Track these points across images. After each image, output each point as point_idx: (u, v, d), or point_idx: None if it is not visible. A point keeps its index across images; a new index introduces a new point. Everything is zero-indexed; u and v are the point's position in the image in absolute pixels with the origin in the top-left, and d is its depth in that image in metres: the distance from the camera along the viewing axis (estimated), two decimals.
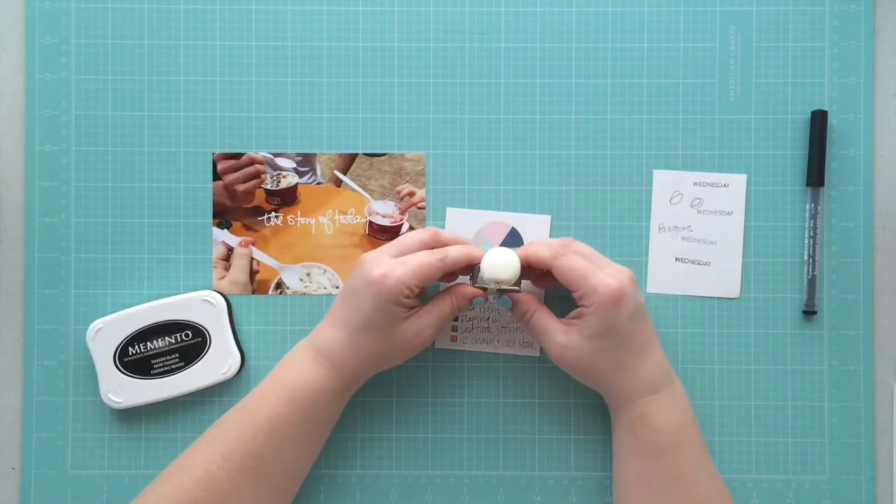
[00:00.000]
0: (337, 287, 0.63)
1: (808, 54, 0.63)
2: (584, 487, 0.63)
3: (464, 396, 0.63)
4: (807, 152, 0.63)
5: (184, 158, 0.63)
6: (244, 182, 0.63)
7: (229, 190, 0.63)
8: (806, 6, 0.63)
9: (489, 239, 0.63)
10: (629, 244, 0.63)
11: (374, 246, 0.63)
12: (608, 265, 0.57)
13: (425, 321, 0.57)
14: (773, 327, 0.63)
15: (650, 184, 0.63)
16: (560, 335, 0.57)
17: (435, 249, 0.57)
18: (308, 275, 0.63)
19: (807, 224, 0.62)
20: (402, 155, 0.63)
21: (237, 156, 0.63)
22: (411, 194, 0.63)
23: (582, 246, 0.58)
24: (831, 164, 0.63)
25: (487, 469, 0.63)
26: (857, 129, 0.63)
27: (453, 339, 0.63)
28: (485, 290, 0.58)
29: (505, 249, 0.57)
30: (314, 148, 0.63)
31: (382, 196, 0.63)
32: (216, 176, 0.63)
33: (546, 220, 0.63)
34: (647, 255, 0.63)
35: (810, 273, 0.62)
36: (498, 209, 0.63)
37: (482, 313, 0.63)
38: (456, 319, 0.63)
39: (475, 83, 0.63)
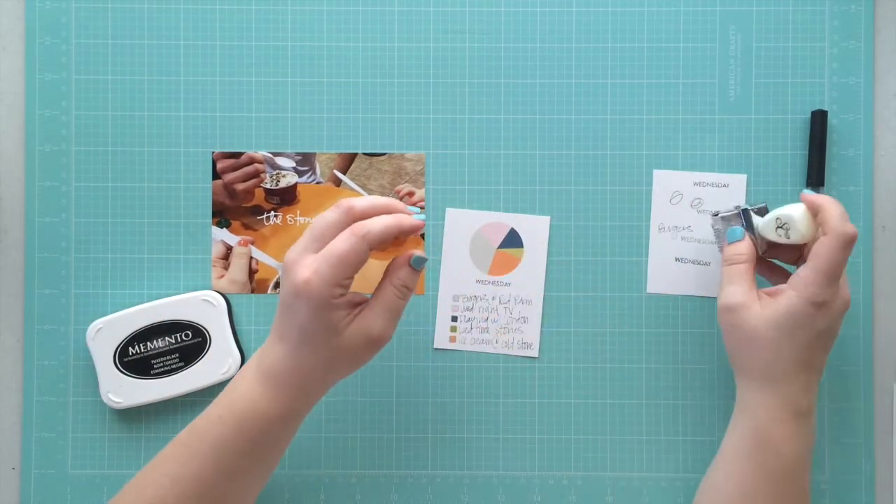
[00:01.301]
0: None
1: (808, 54, 0.63)
2: (585, 487, 0.63)
3: (464, 396, 0.63)
4: (807, 152, 0.63)
5: (184, 158, 0.63)
6: (243, 181, 0.63)
7: (229, 189, 0.63)
8: (806, 6, 0.63)
9: (489, 239, 0.63)
10: (629, 244, 0.63)
11: None
12: (843, 281, 0.55)
13: (371, 319, 0.52)
14: None
15: (650, 184, 0.63)
16: (741, 291, 0.55)
17: (354, 227, 0.51)
18: None
19: None
20: (402, 154, 0.63)
21: (237, 155, 0.63)
22: (410, 194, 0.63)
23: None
24: (831, 164, 0.63)
25: (487, 469, 0.63)
26: (857, 129, 0.63)
27: (452, 339, 0.63)
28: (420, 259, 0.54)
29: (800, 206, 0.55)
30: (314, 148, 0.63)
31: (382, 195, 0.63)
32: (216, 175, 0.63)
33: (546, 220, 0.63)
34: (647, 255, 0.63)
35: None
36: (498, 209, 0.63)
37: (481, 314, 0.63)
38: (455, 320, 0.63)
39: (475, 83, 0.63)
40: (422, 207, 0.63)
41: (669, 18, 0.63)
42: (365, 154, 0.63)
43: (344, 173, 0.63)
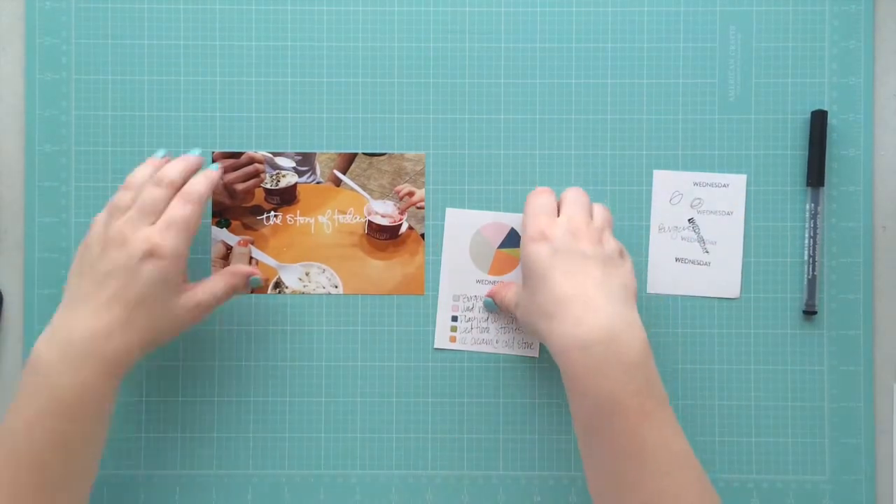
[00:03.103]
0: (336, 286, 0.63)
1: (808, 54, 0.63)
2: (584, 487, 0.63)
3: (464, 396, 0.63)
4: (807, 152, 0.63)
5: None
6: (243, 181, 0.63)
7: (228, 189, 0.63)
8: (806, 6, 0.63)
9: (489, 239, 0.63)
10: (629, 244, 0.63)
11: (374, 246, 0.63)
12: (572, 212, 0.56)
13: (198, 298, 0.56)
14: (773, 327, 0.63)
15: (650, 184, 0.63)
16: (514, 296, 0.59)
17: (184, 195, 0.55)
18: (307, 274, 0.63)
19: (807, 224, 0.62)
20: (402, 154, 0.63)
21: (237, 155, 0.63)
22: (410, 194, 0.63)
23: (573, 193, 0.58)
24: (831, 164, 0.63)
25: (487, 469, 0.63)
26: (857, 129, 0.63)
27: (452, 339, 0.63)
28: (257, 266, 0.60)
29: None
30: (314, 148, 0.63)
31: (382, 196, 0.63)
32: None
33: None
34: (647, 255, 0.63)
35: (810, 273, 0.62)
36: (498, 209, 0.63)
37: (481, 314, 0.63)
38: (455, 320, 0.63)
39: (475, 83, 0.63)
40: (420, 207, 0.63)
41: (669, 18, 0.63)
42: (365, 154, 0.63)
43: (344, 173, 0.63)
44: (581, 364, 0.51)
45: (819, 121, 0.62)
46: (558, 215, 0.57)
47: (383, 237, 0.63)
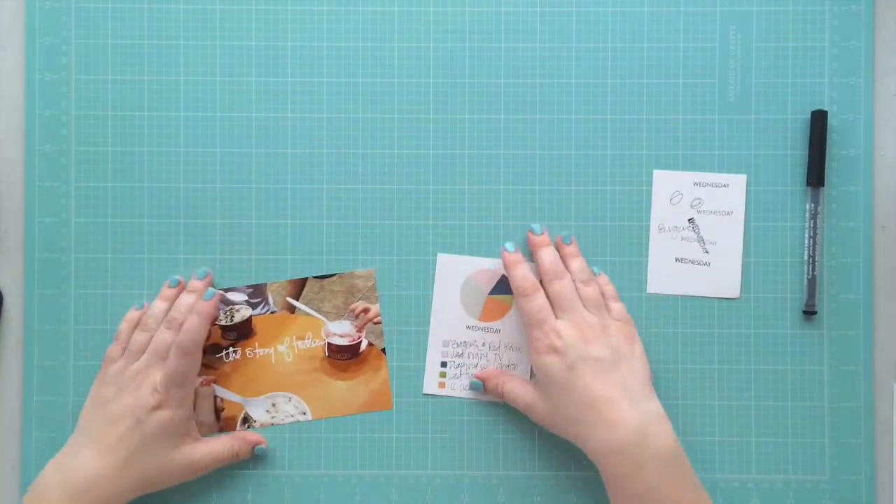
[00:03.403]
0: (304, 413, 0.63)
1: (808, 54, 0.63)
2: (584, 487, 0.63)
3: (464, 396, 0.63)
4: (807, 152, 0.63)
5: (184, 158, 0.63)
6: None
7: None
8: (806, 6, 0.63)
9: (480, 286, 0.63)
10: (629, 244, 0.63)
11: (337, 368, 0.63)
12: (571, 312, 0.57)
13: (199, 455, 0.59)
14: (773, 327, 0.63)
15: (650, 184, 0.63)
16: (526, 394, 0.59)
17: (180, 345, 0.58)
18: (274, 405, 0.63)
19: (807, 224, 0.62)
20: (352, 273, 0.63)
21: None
22: (366, 310, 0.63)
23: (562, 286, 0.59)
24: (831, 164, 0.63)
25: (487, 469, 0.63)
26: (857, 129, 0.63)
27: (441, 385, 0.63)
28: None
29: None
30: (314, 147, 0.63)
31: (337, 316, 0.63)
32: None
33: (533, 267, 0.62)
34: (647, 255, 0.63)
35: (810, 273, 0.62)
36: (498, 210, 0.63)
37: (471, 360, 0.63)
38: (444, 366, 0.63)
39: (475, 83, 0.63)
40: (377, 323, 0.63)
41: (669, 18, 0.63)
42: (314, 278, 0.63)
43: (296, 299, 0.63)
44: (619, 466, 0.54)
45: (819, 121, 0.62)
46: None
47: (344, 357, 0.63)
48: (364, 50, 0.63)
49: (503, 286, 0.63)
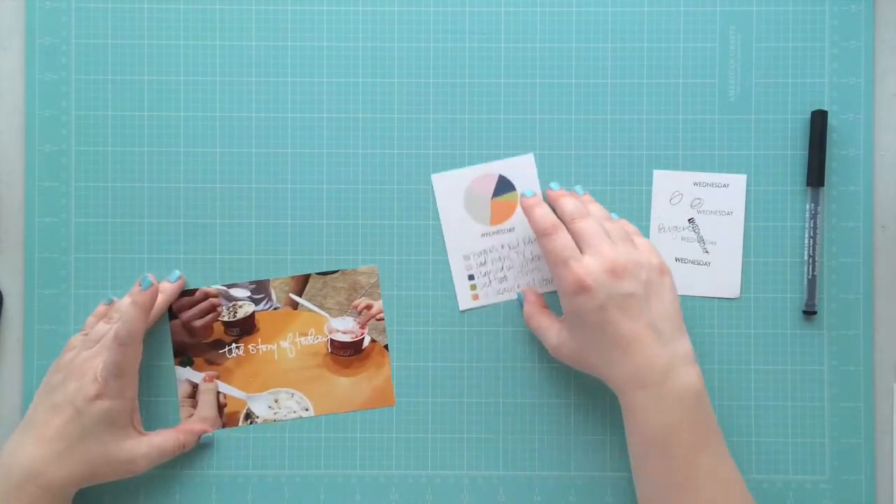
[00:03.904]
0: (307, 409, 0.63)
1: (808, 54, 0.63)
2: (584, 487, 0.63)
3: (464, 396, 0.63)
4: (807, 152, 0.63)
5: (184, 158, 0.63)
6: (201, 317, 0.63)
7: (187, 327, 0.63)
8: (806, 6, 0.63)
9: (482, 193, 0.63)
10: None
11: (340, 364, 0.63)
12: (598, 247, 0.55)
13: (142, 450, 0.58)
14: (773, 327, 0.63)
15: (650, 184, 0.63)
16: (553, 335, 0.58)
17: (114, 332, 0.57)
18: (276, 401, 0.63)
19: (807, 224, 0.62)
20: (355, 270, 0.63)
21: (191, 292, 0.63)
22: (368, 307, 0.63)
23: (586, 224, 0.57)
24: (831, 164, 0.63)
25: (487, 469, 0.63)
26: (857, 129, 0.63)
27: (475, 298, 0.63)
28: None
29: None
30: (314, 147, 0.63)
31: (340, 312, 0.63)
32: (172, 315, 0.63)
33: (529, 157, 0.63)
34: None
35: (810, 273, 0.62)
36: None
37: (495, 265, 0.63)
38: (472, 279, 0.63)
39: (475, 83, 0.63)
40: (380, 319, 0.63)
41: (669, 18, 0.63)
42: (318, 274, 0.63)
43: (299, 295, 0.63)
44: (641, 401, 0.54)
45: (819, 121, 0.62)
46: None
47: (347, 353, 0.63)
48: (364, 50, 0.63)
49: (504, 186, 0.63)
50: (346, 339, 0.63)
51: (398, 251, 0.63)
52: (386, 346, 0.63)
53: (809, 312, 0.62)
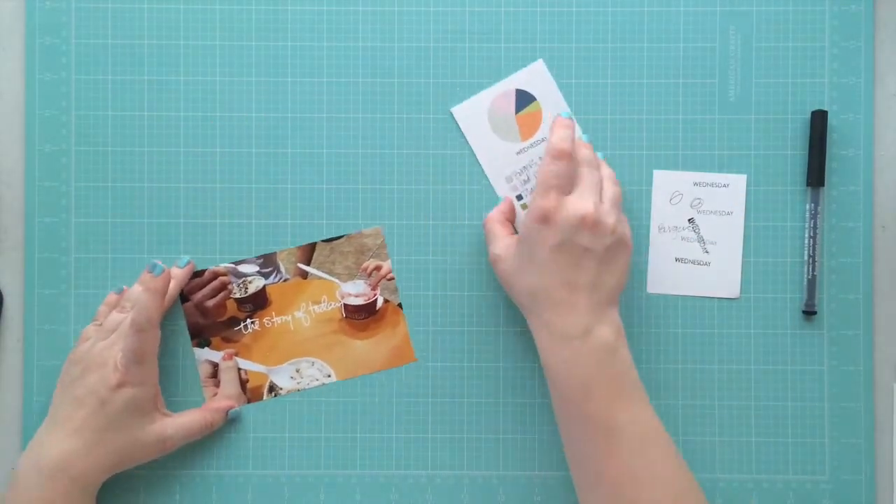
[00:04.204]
0: (329, 376, 0.63)
1: (808, 54, 0.63)
2: None
3: (464, 396, 0.63)
4: (807, 152, 0.63)
5: (184, 158, 0.63)
6: (212, 297, 0.63)
7: (200, 308, 0.63)
8: (806, 6, 0.63)
9: (505, 111, 0.63)
10: None
11: (355, 328, 0.63)
12: (586, 196, 0.55)
13: (168, 432, 0.59)
14: (773, 327, 0.63)
15: (650, 184, 0.63)
16: (501, 245, 0.58)
17: (130, 320, 0.57)
18: (297, 371, 0.63)
19: (807, 224, 0.62)
20: (360, 233, 0.63)
21: (199, 273, 0.63)
22: (378, 268, 0.63)
23: (590, 173, 0.57)
24: (831, 164, 0.63)
25: (487, 469, 0.63)
26: (857, 129, 0.63)
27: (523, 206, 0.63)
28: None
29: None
30: (314, 147, 0.63)
31: (350, 277, 0.63)
32: (184, 298, 0.63)
33: (539, 63, 0.63)
34: (647, 255, 0.63)
35: (810, 273, 0.62)
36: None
37: (523, 173, 0.62)
38: (520, 198, 0.62)
39: (475, 83, 0.63)
40: (390, 279, 0.63)
41: (669, 18, 0.63)
42: (323, 241, 0.63)
43: (308, 264, 0.63)
44: (559, 355, 0.54)
45: (819, 121, 0.62)
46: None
47: (361, 317, 0.63)
48: (364, 50, 0.63)
49: (524, 99, 0.63)
50: (359, 302, 0.63)
51: (398, 251, 0.63)
52: (399, 305, 0.63)
53: (809, 312, 0.62)
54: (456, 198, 0.63)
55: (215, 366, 0.63)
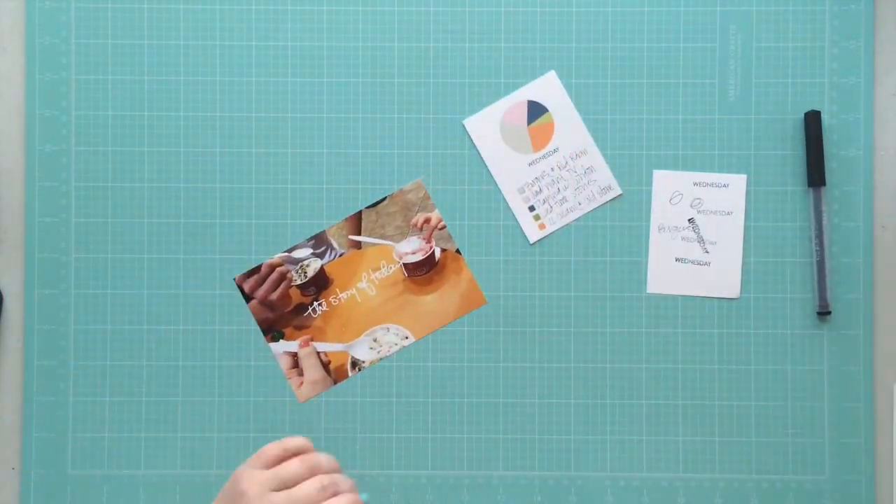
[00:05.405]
0: (406, 338, 0.63)
1: (808, 54, 0.63)
2: (584, 487, 0.63)
3: (463, 396, 0.63)
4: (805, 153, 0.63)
5: (184, 158, 0.63)
6: (274, 289, 0.63)
7: (265, 303, 0.63)
8: (806, 6, 0.63)
9: (516, 122, 0.63)
10: (629, 244, 0.63)
11: (420, 284, 0.63)
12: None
13: None
14: (773, 327, 0.63)
15: (650, 184, 0.63)
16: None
17: (326, 485, 0.49)
18: (375, 340, 0.63)
19: (812, 225, 0.62)
20: (401, 190, 0.63)
21: (255, 270, 0.63)
22: (427, 220, 0.63)
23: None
24: (831, 164, 0.63)
25: (487, 469, 0.63)
26: (856, 129, 0.63)
27: (541, 227, 0.63)
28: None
29: None
30: (314, 147, 0.63)
31: (403, 235, 0.63)
32: (247, 298, 0.63)
33: (552, 75, 0.63)
34: (647, 255, 0.63)
35: (820, 274, 0.62)
36: (498, 211, 0.63)
37: (551, 189, 0.62)
38: (532, 209, 0.62)
39: (475, 83, 0.63)
40: (442, 228, 0.63)
41: (669, 18, 0.63)
42: (367, 208, 0.63)
43: (358, 234, 0.63)
44: None
45: (813, 121, 0.62)
46: None
47: (423, 272, 0.63)
48: (364, 50, 0.63)
49: (536, 111, 0.63)
50: (418, 258, 0.63)
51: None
52: (458, 251, 0.63)
53: (824, 313, 0.62)
54: (456, 198, 0.63)
55: (294, 356, 0.63)
